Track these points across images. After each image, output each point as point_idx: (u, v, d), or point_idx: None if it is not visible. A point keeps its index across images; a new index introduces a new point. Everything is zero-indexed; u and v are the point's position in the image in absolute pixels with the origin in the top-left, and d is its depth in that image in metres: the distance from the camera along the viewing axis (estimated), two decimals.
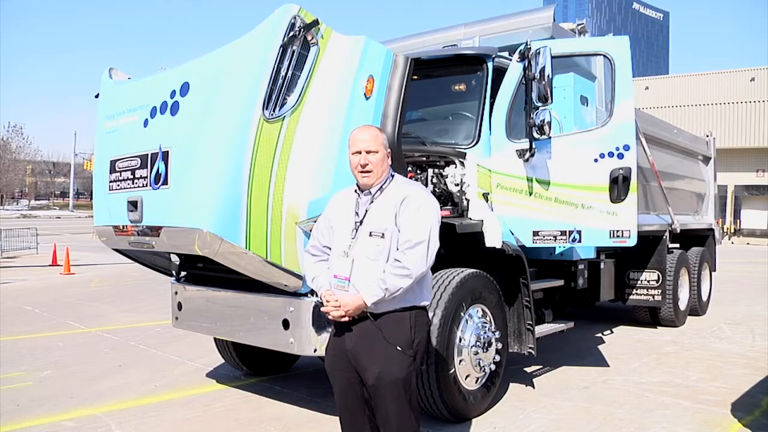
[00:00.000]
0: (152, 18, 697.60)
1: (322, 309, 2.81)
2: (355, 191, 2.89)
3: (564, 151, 4.80)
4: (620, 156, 4.68)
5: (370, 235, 2.73)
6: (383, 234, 2.71)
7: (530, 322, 4.78)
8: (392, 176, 2.89)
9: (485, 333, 4.43)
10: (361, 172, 2.81)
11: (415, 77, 4.32)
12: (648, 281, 7.36)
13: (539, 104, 4.53)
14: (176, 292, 4.74)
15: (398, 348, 2.71)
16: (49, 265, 14.91)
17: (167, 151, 3.77)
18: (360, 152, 2.80)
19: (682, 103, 35.97)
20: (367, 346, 2.73)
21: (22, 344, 6.84)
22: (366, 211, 2.80)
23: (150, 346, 6.77)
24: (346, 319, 2.72)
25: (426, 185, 4.73)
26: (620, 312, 8.63)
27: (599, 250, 6.36)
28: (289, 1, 3.62)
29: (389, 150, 2.92)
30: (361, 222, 2.78)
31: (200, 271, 4.54)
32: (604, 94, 5.75)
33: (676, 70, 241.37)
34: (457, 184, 4.80)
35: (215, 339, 5.34)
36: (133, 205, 3.98)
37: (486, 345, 4.40)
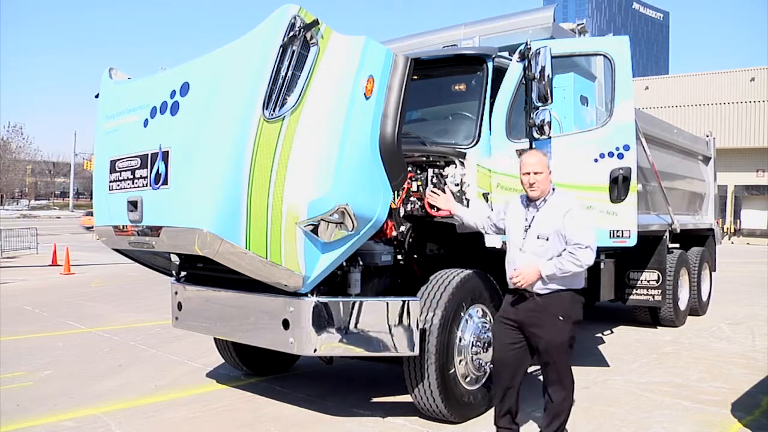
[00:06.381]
0: (153, 18, 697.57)
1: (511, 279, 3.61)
2: (523, 202, 3.79)
3: (564, 151, 4.80)
4: (620, 156, 4.69)
5: (537, 237, 3.60)
6: (548, 238, 3.57)
7: None
8: (553, 189, 3.73)
9: (485, 333, 4.43)
10: (530, 188, 3.67)
11: (415, 77, 4.31)
12: (648, 281, 7.36)
13: (539, 104, 4.52)
14: (176, 292, 4.74)
15: (560, 318, 3.54)
16: (49, 265, 14.91)
17: (167, 151, 3.77)
18: (529, 173, 3.66)
19: (682, 103, 35.91)
20: (535, 317, 3.57)
21: (22, 344, 6.85)
22: (533, 217, 3.66)
23: (150, 346, 6.78)
24: (523, 283, 3.53)
25: (426, 185, 4.73)
26: (620, 312, 8.63)
27: (599, 250, 6.33)
28: (289, 1, 3.62)
29: (551, 170, 3.75)
30: (529, 226, 3.65)
31: (200, 271, 4.54)
32: (604, 94, 5.74)
33: (676, 70, 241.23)
34: (457, 184, 4.79)
35: (215, 339, 5.34)
36: (133, 205, 3.98)
37: (486, 345, 4.40)
